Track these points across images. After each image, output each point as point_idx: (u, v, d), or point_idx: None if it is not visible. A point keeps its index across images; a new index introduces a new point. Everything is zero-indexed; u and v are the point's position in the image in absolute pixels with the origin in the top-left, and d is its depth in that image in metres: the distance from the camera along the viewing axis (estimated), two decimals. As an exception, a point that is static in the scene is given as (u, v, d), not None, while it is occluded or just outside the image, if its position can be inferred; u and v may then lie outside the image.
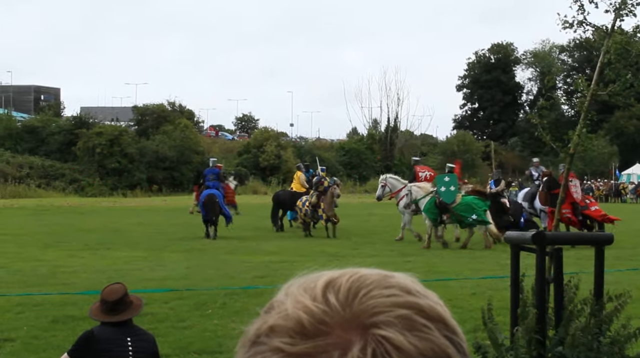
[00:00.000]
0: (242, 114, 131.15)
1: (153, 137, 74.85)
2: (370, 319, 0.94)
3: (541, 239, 6.17)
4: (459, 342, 0.98)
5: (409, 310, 0.96)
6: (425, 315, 0.96)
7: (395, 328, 0.93)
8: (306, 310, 0.97)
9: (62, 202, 52.92)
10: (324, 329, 0.94)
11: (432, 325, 0.95)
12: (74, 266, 17.89)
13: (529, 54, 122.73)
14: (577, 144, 7.53)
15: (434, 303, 0.99)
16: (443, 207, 23.82)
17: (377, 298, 0.96)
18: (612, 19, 7.40)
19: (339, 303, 0.96)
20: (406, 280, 1.02)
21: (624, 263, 17.64)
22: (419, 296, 0.98)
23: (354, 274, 1.02)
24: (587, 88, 7.53)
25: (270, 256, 20.39)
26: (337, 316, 0.95)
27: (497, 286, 13.00)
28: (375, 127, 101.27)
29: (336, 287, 0.99)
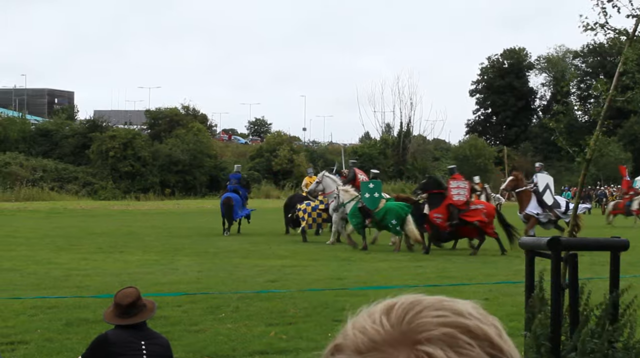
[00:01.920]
0: (255, 118, 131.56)
1: (166, 141, 75.00)
2: (416, 336, 1.02)
3: (556, 245, 6.15)
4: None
5: (454, 329, 1.03)
6: (470, 334, 1.03)
7: (438, 345, 1.01)
8: (362, 331, 1.07)
9: (75, 205, 53.10)
10: (376, 347, 1.04)
11: (476, 343, 1.02)
12: (87, 269, 17.93)
13: (542, 59, 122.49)
14: (593, 149, 7.51)
15: (482, 324, 1.05)
16: (365, 212, 24.32)
17: (425, 318, 1.04)
18: (634, 24, 7.38)
19: (391, 324, 1.05)
20: (464, 304, 1.09)
21: (639, 269, 17.55)
22: (468, 318, 1.05)
23: (412, 299, 1.10)
24: (605, 92, 7.50)
25: (282, 260, 20.38)
26: (388, 335, 1.04)
27: (510, 291, 12.98)
28: (388, 131, 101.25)
29: (392, 310, 1.08)
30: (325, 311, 11.78)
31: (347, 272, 17.66)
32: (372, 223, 24.57)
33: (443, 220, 23.51)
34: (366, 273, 17.60)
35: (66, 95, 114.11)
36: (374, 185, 24.95)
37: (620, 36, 7.57)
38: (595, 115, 7.72)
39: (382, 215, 24.01)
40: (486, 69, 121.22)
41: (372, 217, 24.24)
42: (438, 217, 23.53)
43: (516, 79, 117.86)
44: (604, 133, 7.82)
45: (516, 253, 19.54)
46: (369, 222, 24.50)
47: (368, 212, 24.29)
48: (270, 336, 10.12)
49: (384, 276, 16.93)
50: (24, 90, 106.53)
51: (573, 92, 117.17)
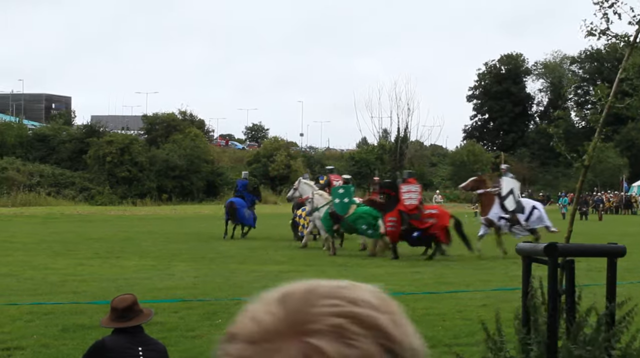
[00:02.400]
0: (252, 123, 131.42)
1: (163, 146, 74.99)
2: (305, 327, 0.99)
3: (553, 251, 6.15)
4: (398, 352, 1.00)
5: (344, 319, 1.00)
6: (361, 324, 0.99)
7: (326, 336, 0.98)
8: (254, 319, 1.04)
9: (72, 211, 53.06)
10: (266, 337, 1.01)
11: (366, 332, 0.99)
12: (83, 274, 17.91)
13: (539, 65, 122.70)
14: (592, 156, 7.52)
15: (376, 312, 1.02)
16: (336, 217, 24.55)
17: (317, 308, 1.01)
18: (635, 31, 7.39)
19: (283, 313, 1.02)
20: (362, 292, 1.06)
21: (636, 276, 17.56)
22: (362, 307, 1.02)
23: (307, 287, 1.07)
24: (605, 98, 7.51)
25: (279, 266, 20.38)
26: (279, 325, 1.01)
27: (507, 298, 12.96)
28: (385, 137, 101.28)
29: (287, 298, 1.05)
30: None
31: (344, 278, 17.52)
32: (342, 228, 24.85)
33: (395, 224, 23.50)
34: (363, 279, 17.35)
35: (63, 100, 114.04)
36: (344, 191, 25.20)
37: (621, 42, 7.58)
38: (593, 122, 7.72)
39: (352, 220, 24.22)
40: (483, 75, 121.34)
41: (341, 223, 24.47)
42: (391, 221, 23.54)
43: (513, 84, 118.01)
44: (602, 139, 7.82)
45: (513, 259, 19.53)
46: (337, 227, 24.78)
47: (338, 218, 24.49)
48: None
49: (381, 282, 16.80)
50: (21, 95, 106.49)
51: (570, 98, 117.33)
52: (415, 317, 11.96)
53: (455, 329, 11.08)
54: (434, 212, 24.23)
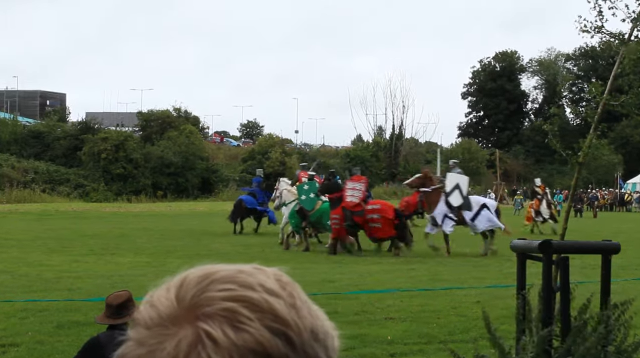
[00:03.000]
0: (248, 120, 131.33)
1: (158, 143, 74.90)
2: (198, 312, 0.99)
3: (548, 248, 6.16)
4: (291, 336, 0.99)
5: (236, 303, 0.99)
6: (253, 308, 0.99)
7: (217, 321, 0.98)
8: (152, 304, 1.04)
9: (66, 207, 52.99)
10: (161, 322, 1.01)
11: (257, 316, 0.98)
12: (78, 271, 17.89)
13: (534, 62, 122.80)
14: (587, 153, 7.53)
15: (271, 296, 1.02)
16: (302, 213, 24.79)
17: (210, 292, 1.01)
18: (630, 28, 7.40)
19: (178, 298, 1.02)
20: (260, 276, 1.06)
21: (630, 273, 17.60)
22: (257, 291, 1.01)
23: (205, 271, 1.06)
24: (600, 95, 7.52)
25: (274, 263, 20.19)
26: (174, 310, 1.01)
27: (501, 295, 12.99)
28: (380, 134, 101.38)
29: (184, 283, 1.05)
30: (317, 314, 11.75)
31: (339, 275, 17.65)
32: (308, 224, 25.03)
33: (339, 221, 23.57)
34: (358, 276, 17.59)
35: (58, 97, 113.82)
36: (309, 187, 25.26)
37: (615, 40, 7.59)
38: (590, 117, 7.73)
39: (317, 216, 24.50)
40: (478, 72, 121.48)
41: (307, 219, 24.69)
42: (335, 219, 23.65)
43: (508, 81, 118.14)
44: (598, 136, 7.83)
45: (507, 256, 19.54)
46: (305, 224, 25.03)
47: (305, 214, 24.72)
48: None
49: (376, 279, 16.91)
50: (16, 92, 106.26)
51: (565, 95, 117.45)
52: (410, 314, 11.99)
53: (450, 326, 11.09)
54: (377, 207, 24.04)
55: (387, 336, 10.35)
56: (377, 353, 9.48)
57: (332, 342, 1.06)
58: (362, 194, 24.13)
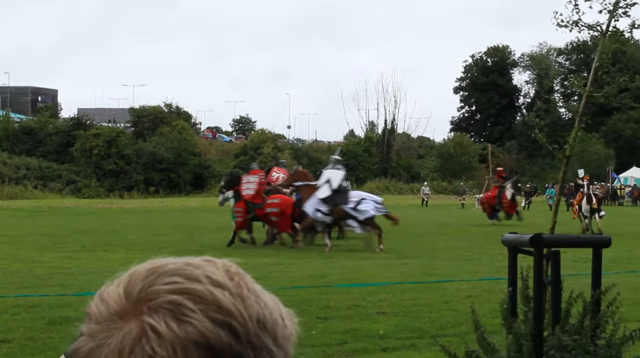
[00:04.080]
0: (240, 115, 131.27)
1: (150, 139, 74.86)
2: (143, 306, 0.99)
3: (539, 242, 6.16)
4: (235, 326, 0.99)
5: (180, 296, 0.99)
6: (196, 300, 0.99)
7: (161, 314, 0.98)
8: (103, 298, 1.04)
9: (58, 203, 52.94)
10: (110, 317, 1.01)
11: (200, 308, 0.98)
12: (70, 267, 17.87)
13: (526, 57, 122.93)
14: (573, 146, 7.54)
15: (216, 287, 1.01)
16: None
17: (156, 286, 1.01)
18: (607, 20, 7.41)
19: (126, 293, 1.02)
20: (209, 269, 1.06)
21: (621, 266, 17.65)
22: (202, 283, 1.01)
23: (153, 265, 1.07)
24: (582, 88, 7.54)
25: (266, 258, 20.36)
26: (122, 304, 1.01)
27: (493, 288, 13.00)
28: (372, 129, 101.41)
29: (132, 277, 1.05)
30: (309, 308, 11.77)
31: (331, 270, 17.66)
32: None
33: (242, 214, 24.23)
34: (350, 270, 17.59)
35: (50, 93, 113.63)
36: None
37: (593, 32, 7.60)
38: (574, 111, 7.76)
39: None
40: (470, 67, 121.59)
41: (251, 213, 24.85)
42: (238, 211, 24.33)
43: (500, 76, 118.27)
44: (584, 129, 7.84)
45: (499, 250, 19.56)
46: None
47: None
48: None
49: (368, 273, 16.92)
50: (7, 88, 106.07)
51: (557, 90, 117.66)
52: (402, 308, 12.00)
53: (441, 320, 11.10)
54: (277, 201, 24.31)
55: (379, 330, 10.35)
56: (369, 348, 9.48)
57: (283, 330, 1.06)
58: (258, 186, 24.60)
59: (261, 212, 24.21)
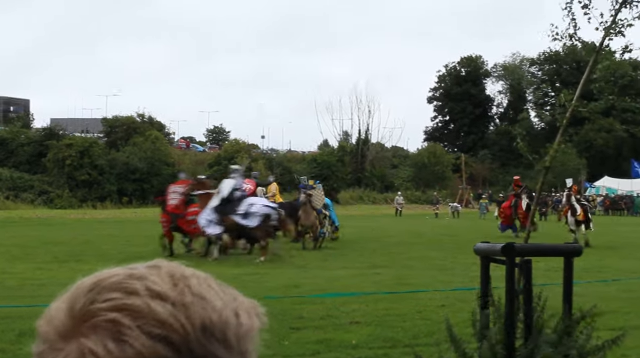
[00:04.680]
0: (214, 125, 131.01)
1: (123, 149, 74.60)
2: (84, 327, 0.97)
3: (510, 251, 6.18)
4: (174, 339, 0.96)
5: (119, 313, 0.96)
6: (134, 315, 0.96)
7: (100, 335, 0.95)
8: (48, 317, 1.02)
9: (31, 214, 52.59)
10: (54, 336, 0.98)
11: (138, 324, 0.95)
12: (42, 278, 17.74)
13: (499, 67, 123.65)
14: (554, 157, 7.58)
15: (154, 299, 0.98)
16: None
17: (97, 303, 0.98)
18: (602, 37, 7.45)
19: (69, 311, 0.99)
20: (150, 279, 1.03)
21: (592, 275, 17.75)
22: (141, 296, 0.98)
23: (95, 280, 1.03)
24: (569, 102, 7.58)
25: (239, 268, 20.32)
26: (64, 323, 0.98)
27: (467, 298, 13.01)
28: (346, 139, 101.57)
29: (74, 293, 1.02)
30: (282, 319, 11.73)
31: (305, 280, 17.63)
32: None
33: (166, 224, 24.59)
34: (324, 280, 17.57)
35: (22, 103, 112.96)
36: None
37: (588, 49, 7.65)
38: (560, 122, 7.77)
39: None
40: (443, 77, 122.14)
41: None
42: (163, 221, 24.75)
43: (473, 86, 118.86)
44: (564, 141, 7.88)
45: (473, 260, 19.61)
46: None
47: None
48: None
49: (342, 283, 16.90)
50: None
51: (529, 100, 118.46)
52: (375, 318, 11.98)
53: (414, 329, 11.10)
54: (196, 210, 24.31)
55: (352, 340, 10.34)
56: (342, 358, 9.46)
57: (237, 330, 1.02)
58: (182, 197, 24.68)
59: (182, 222, 24.35)
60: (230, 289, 1.09)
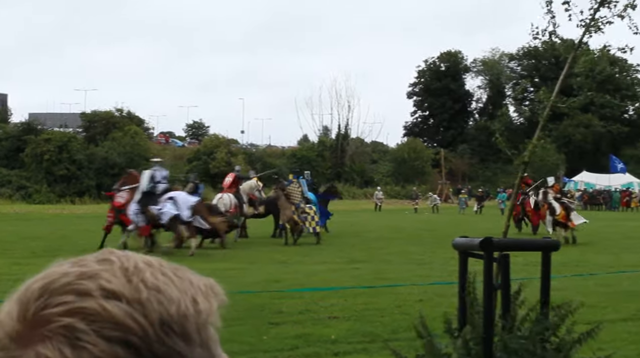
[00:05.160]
0: (193, 120, 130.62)
1: (102, 144, 74.28)
2: (37, 334, 0.93)
3: (489, 245, 6.19)
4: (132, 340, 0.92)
5: (73, 318, 0.92)
6: (89, 319, 0.92)
7: (55, 341, 0.91)
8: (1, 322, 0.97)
9: (8, 209, 52.32)
10: (7, 343, 0.94)
11: (94, 328, 0.92)
12: (18, 274, 17.61)
13: (478, 62, 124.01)
14: (532, 153, 7.59)
15: (109, 300, 0.94)
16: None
17: (49, 308, 0.94)
18: (581, 34, 7.46)
19: (21, 316, 0.95)
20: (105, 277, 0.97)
21: (570, 270, 17.83)
22: (94, 297, 0.94)
23: (45, 280, 0.98)
24: (548, 99, 7.59)
25: (219, 263, 20.28)
26: (16, 329, 0.94)
27: (445, 292, 13.05)
28: (326, 134, 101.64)
29: (24, 296, 0.97)
30: (261, 314, 11.74)
31: (285, 275, 17.63)
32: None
33: (111, 219, 25.10)
34: (303, 275, 17.58)
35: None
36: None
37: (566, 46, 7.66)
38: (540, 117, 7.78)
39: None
40: (423, 72, 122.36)
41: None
42: (109, 216, 25.22)
43: (453, 81, 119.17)
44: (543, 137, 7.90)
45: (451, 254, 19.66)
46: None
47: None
48: (204, 340, 10.02)
49: (321, 278, 16.92)
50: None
51: (509, 95, 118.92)
52: (354, 313, 11.99)
53: (393, 324, 11.11)
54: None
55: (331, 335, 10.34)
56: (321, 353, 9.46)
57: (196, 319, 0.99)
58: (128, 195, 24.80)
59: (124, 217, 24.42)
60: (186, 271, 1.05)
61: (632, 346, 9.59)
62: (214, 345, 1.02)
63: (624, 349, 9.16)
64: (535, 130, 7.73)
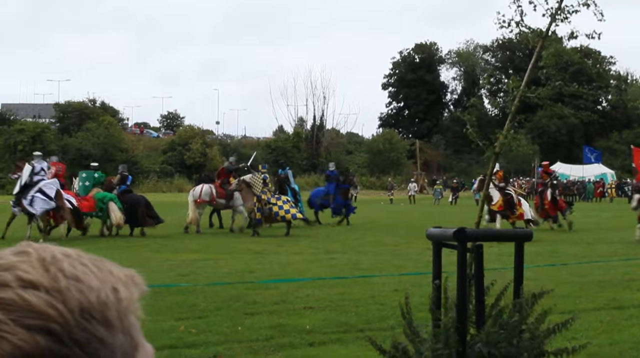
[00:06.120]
0: (168, 111, 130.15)
1: (76, 135, 73.93)
2: None
3: (462, 236, 6.22)
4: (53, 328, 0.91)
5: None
6: (7, 309, 0.92)
7: None
8: None
9: (-18, 200, 51.88)
10: None
11: (13, 317, 0.91)
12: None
13: (453, 54, 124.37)
14: (503, 143, 7.63)
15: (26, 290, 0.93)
16: None
17: None
18: (548, 23, 7.50)
19: None
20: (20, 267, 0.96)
21: (544, 260, 17.94)
22: (12, 287, 0.93)
23: None
24: (517, 89, 7.63)
25: (194, 254, 20.26)
26: None
27: (419, 282, 13.09)
28: (301, 125, 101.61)
29: None
30: (236, 304, 11.73)
31: (260, 265, 17.63)
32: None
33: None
34: (279, 266, 17.59)
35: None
36: (86, 175, 28.52)
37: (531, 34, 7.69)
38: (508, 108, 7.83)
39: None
40: (398, 63, 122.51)
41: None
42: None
43: (428, 73, 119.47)
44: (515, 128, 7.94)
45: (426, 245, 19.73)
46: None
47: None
48: (179, 330, 10.02)
49: (297, 269, 16.93)
50: None
51: (483, 85, 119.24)
52: (329, 303, 12.02)
53: (368, 314, 11.14)
54: (71, 199, 25.57)
55: (306, 325, 10.36)
56: (295, 343, 9.47)
57: (117, 306, 0.98)
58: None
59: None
60: (105, 262, 1.04)
61: (605, 335, 9.67)
62: (136, 333, 1.03)
63: (596, 338, 9.24)
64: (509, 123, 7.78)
